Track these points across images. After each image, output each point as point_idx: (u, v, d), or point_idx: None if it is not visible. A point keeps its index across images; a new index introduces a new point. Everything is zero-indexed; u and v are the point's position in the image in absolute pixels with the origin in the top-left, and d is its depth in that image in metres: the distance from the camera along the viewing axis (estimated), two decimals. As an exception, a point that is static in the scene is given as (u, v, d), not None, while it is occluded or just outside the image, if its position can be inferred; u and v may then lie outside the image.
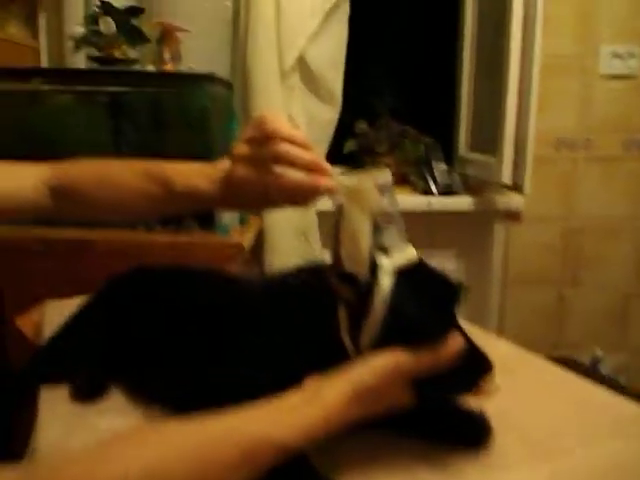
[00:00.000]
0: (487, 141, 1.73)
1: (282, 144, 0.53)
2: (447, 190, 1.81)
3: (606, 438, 0.58)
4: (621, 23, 1.78)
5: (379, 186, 0.50)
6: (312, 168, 0.53)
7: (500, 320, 1.96)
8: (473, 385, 0.52)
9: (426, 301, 0.50)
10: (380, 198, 0.51)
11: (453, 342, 0.50)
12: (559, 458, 0.54)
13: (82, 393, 0.64)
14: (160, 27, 1.51)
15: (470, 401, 0.56)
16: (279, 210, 0.62)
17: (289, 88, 1.60)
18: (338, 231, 0.51)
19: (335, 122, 1.69)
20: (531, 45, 1.45)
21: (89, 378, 0.66)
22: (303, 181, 0.53)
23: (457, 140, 1.94)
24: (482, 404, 0.55)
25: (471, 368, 0.51)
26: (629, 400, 0.65)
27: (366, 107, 2.11)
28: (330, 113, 1.68)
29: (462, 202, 1.83)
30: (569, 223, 1.92)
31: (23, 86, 1.30)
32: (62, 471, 0.40)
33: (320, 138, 1.66)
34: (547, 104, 1.78)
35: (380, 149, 1.83)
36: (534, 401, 0.64)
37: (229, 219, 1.29)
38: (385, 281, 0.50)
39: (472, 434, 0.55)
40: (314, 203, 0.57)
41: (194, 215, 1.26)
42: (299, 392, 0.50)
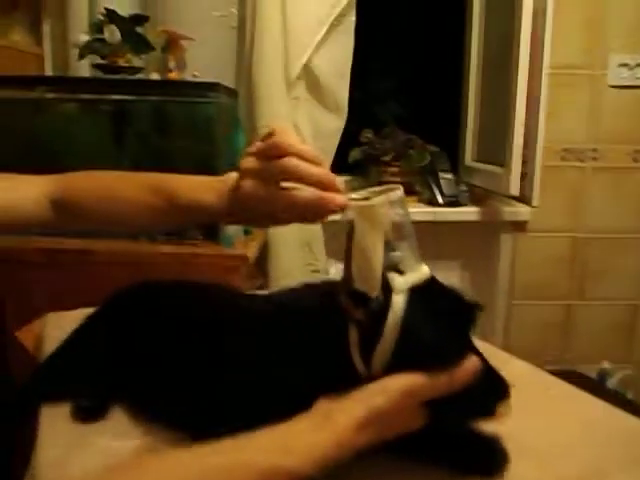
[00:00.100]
0: (494, 151, 1.71)
1: (291, 159, 0.51)
2: (453, 201, 1.79)
3: (623, 464, 0.56)
4: (630, 33, 1.76)
5: (391, 202, 0.49)
6: (322, 184, 0.51)
7: (506, 332, 1.93)
8: (490, 411, 0.50)
9: (441, 321, 0.48)
10: (392, 215, 0.49)
11: (469, 364, 0.48)
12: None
13: (83, 413, 0.62)
14: (165, 35, 1.50)
15: (483, 423, 0.53)
16: (287, 226, 0.60)
17: (295, 97, 1.59)
18: (349, 249, 0.50)
19: (341, 131, 1.68)
20: (540, 55, 1.44)
21: (91, 397, 0.64)
22: (313, 198, 0.51)
23: (463, 150, 1.93)
24: (495, 426, 0.53)
25: (488, 393, 0.49)
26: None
27: (372, 116, 2.10)
28: (336, 122, 1.66)
29: (468, 212, 1.82)
30: (576, 234, 1.89)
31: (27, 94, 1.29)
32: None
33: (326, 147, 1.64)
34: (555, 114, 1.76)
35: (386, 158, 1.82)
36: (549, 423, 0.62)
37: (233, 230, 1.28)
38: (398, 300, 0.48)
39: (488, 460, 0.53)
40: (323, 220, 0.55)
41: (198, 226, 1.24)
42: (309, 416, 0.48)
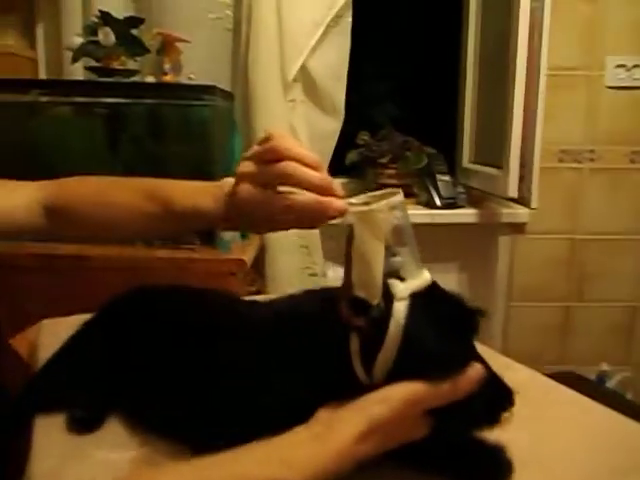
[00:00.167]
0: (491, 153, 1.70)
1: (289, 163, 0.50)
2: (450, 203, 1.78)
3: (626, 471, 0.55)
4: (627, 35, 1.76)
5: (391, 207, 0.48)
6: (320, 189, 0.50)
7: (504, 334, 1.93)
8: (494, 419, 0.49)
9: (443, 328, 0.47)
10: (392, 221, 0.48)
11: (472, 372, 0.47)
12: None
13: (79, 423, 0.61)
14: (160, 37, 1.50)
15: (486, 431, 0.52)
16: (285, 231, 0.58)
17: (291, 99, 1.58)
18: (348, 255, 0.49)
19: (337, 133, 1.67)
20: (538, 57, 1.44)
21: (86, 407, 0.63)
22: (310, 202, 0.50)
23: (460, 152, 1.92)
24: (498, 434, 0.52)
25: (492, 401, 0.48)
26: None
27: (368, 118, 2.09)
28: (332, 124, 1.66)
29: (466, 215, 1.80)
30: (574, 236, 1.89)
31: (21, 98, 1.28)
32: None
33: (322, 150, 1.63)
34: (552, 115, 1.76)
35: (382, 160, 1.81)
36: (552, 430, 0.61)
37: (230, 235, 1.26)
38: (399, 308, 0.47)
39: (492, 470, 0.52)
40: (322, 225, 0.54)
41: (194, 232, 1.23)
42: (309, 426, 0.47)
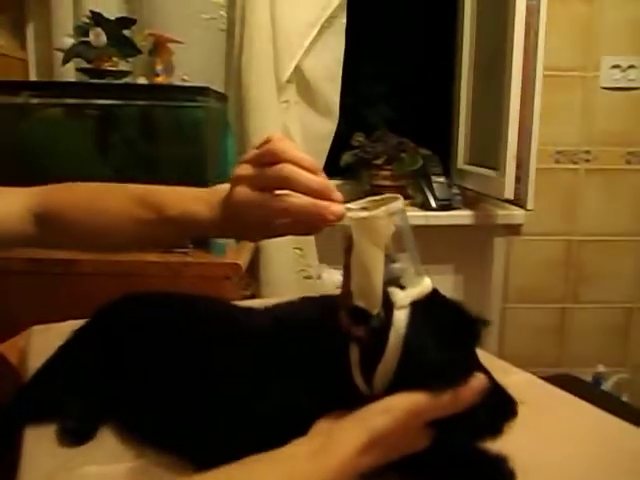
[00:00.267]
0: (487, 154, 1.70)
1: (286, 165, 0.49)
2: (446, 205, 1.77)
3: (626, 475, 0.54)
4: (622, 35, 1.76)
5: (391, 214, 0.47)
6: (318, 193, 0.49)
7: (500, 336, 1.92)
8: (497, 430, 0.47)
9: (445, 337, 0.46)
10: (392, 227, 0.47)
11: (475, 382, 0.46)
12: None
13: (70, 435, 0.59)
14: (152, 38, 1.48)
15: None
16: (281, 238, 0.57)
17: (285, 101, 1.56)
18: (347, 263, 0.47)
19: (332, 135, 1.66)
20: (534, 57, 1.43)
21: (78, 417, 0.61)
22: (307, 205, 0.49)
23: (455, 153, 1.91)
24: (499, 443, 0.51)
25: (495, 411, 0.47)
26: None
27: (362, 119, 2.08)
28: (327, 126, 1.64)
29: (461, 216, 1.79)
30: (570, 237, 1.89)
31: (11, 99, 1.26)
32: None
33: (317, 151, 1.62)
34: (547, 116, 1.75)
35: (377, 162, 1.80)
36: (553, 438, 0.60)
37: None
38: (400, 317, 0.45)
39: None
40: (319, 231, 0.53)
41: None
42: (309, 439, 0.46)
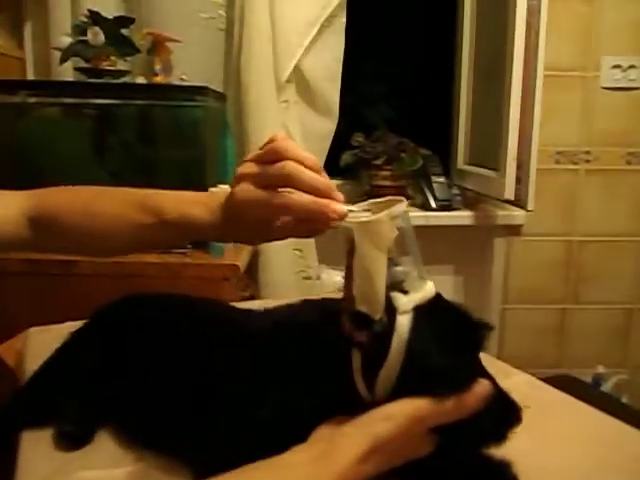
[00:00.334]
0: (487, 155, 1.69)
1: (289, 163, 0.48)
2: (446, 205, 1.76)
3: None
4: (623, 35, 1.75)
5: (394, 217, 0.46)
6: (320, 191, 0.48)
7: (500, 337, 1.91)
8: (501, 437, 0.47)
9: (448, 343, 0.46)
10: (395, 231, 0.46)
11: (479, 388, 0.45)
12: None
13: (67, 439, 0.58)
14: (150, 37, 1.47)
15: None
16: (281, 241, 0.57)
17: (285, 100, 1.55)
18: (349, 268, 0.47)
19: (332, 134, 1.65)
20: (534, 57, 1.42)
21: (76, 421, 0.60)
22: (310, 204, 0.48)
23: (455, 153, 1.91)
24: (502, 448, 0.50)
25: (499, 418, 0.47)
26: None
27: (362, 119, 2.07)
28: (327, 125, 1.63)
29: (461, 217, 1.78)
30: (570, 238, 1.88)
31: (9, 99, 1.25)
32: None
33: (317, 151, 1.61)
34: (547, 116, 1.75)
35: (377, 162, 1.79)
36: (557, 442, 0.59)
37: (223, 238, 1.24)
38: (403, 322, 0.45)
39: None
40: (320, 233, 0.52)
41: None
42: (310, 445, 0.45)
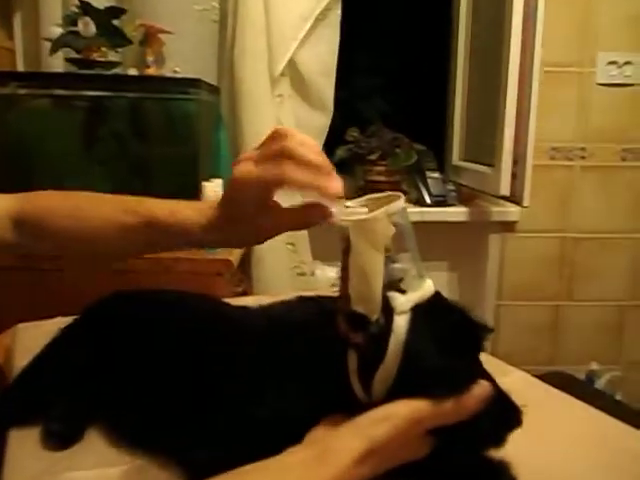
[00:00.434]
0: (482, 150, 1.68)
1: (290, 142, 0.48)
2: (440, 201, 1.76)
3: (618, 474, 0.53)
4: (619, 31, 1.75)
5: (390, 215, 0.45)
6: (318, 168, 0.48)
7: (494, 334, 1.91)
8: (501, 440, 0.46)
9: (447, 343, 0.44)
10: (392, 229, 0.45)
11: (478, 390, 0.44)
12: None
13: (56, 438, 0.57)
14: (143, 28, 1.46)
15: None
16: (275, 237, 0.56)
17: (279, 94, 1.54)
18: (345, 267, 0.46)
19: (326, 129, 1.63)
20: (531, 52, 1.41)
21: (64, 419, 0.59)
22: (307, 178, 0.48)
23: (450, 149, 1.90)
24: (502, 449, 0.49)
25: (499, 420, 0.46)
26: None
27: (357, 114, 2.06)
28: (321, 120, 1.62)
29: (456, 212, 1.78)
30: (564, 234, 1.88)
31: (-2, 90, 1.23)
32: None
33: (311, 146, 1.60)
34: (542, 112, 1.73)
35: (372, 157, 1.78)
36: (554, 441, 0.58)
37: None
38: (400, 323, 0.44)
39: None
40: (316, 223, 0.51)
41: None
42: (305, 448, 0.44)
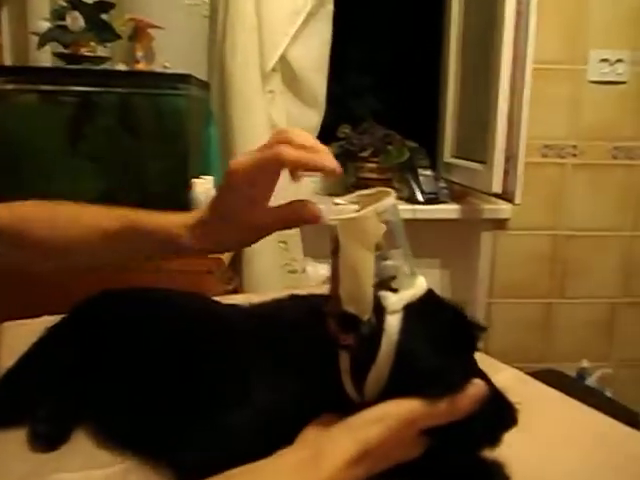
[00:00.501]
0: (474, 148, 1.68)
1: (288, 132, 0.48)
2: (432, 198, 1.75)
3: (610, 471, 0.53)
4: (610, 29, 1.75)
5: (380, 213, 0.44)
6: (312, 148, 0.48)
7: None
8: (495, 440, 0.45)
9: (440, 342, 0.44)
10: (383, 227, 0.44)
11: (473, 389, 0.43)
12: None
13: (42, 439, 0.56)
14: (132, 23, 1.44)
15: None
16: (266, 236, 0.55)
17: (270, 90, 1.52)
18: (335, 267, 0.45)
19: (318, 126, 1.62)
20: (524, 49, 1.41)
21: (51, 421, 0.58)
22: (303, 156, 0.47)
23: (442, 146, 1.89)
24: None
25: (494, 420, 0.45)
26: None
27: (348, 110, 2.05)
28: (313, 117, 1.61)
29: (448, 210, 1.77)
30: (556, 232, 1.88)
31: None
32: None
33: (302, 142, 1.59)
34: (534, 110, 1.73)
35: (364, 154, 1.77)
36: (547, 439, 0.57)
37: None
38: (392, 322, 0.43)
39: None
40: (304, 222, 0.50)
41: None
42: (297, 449, 0.43)
